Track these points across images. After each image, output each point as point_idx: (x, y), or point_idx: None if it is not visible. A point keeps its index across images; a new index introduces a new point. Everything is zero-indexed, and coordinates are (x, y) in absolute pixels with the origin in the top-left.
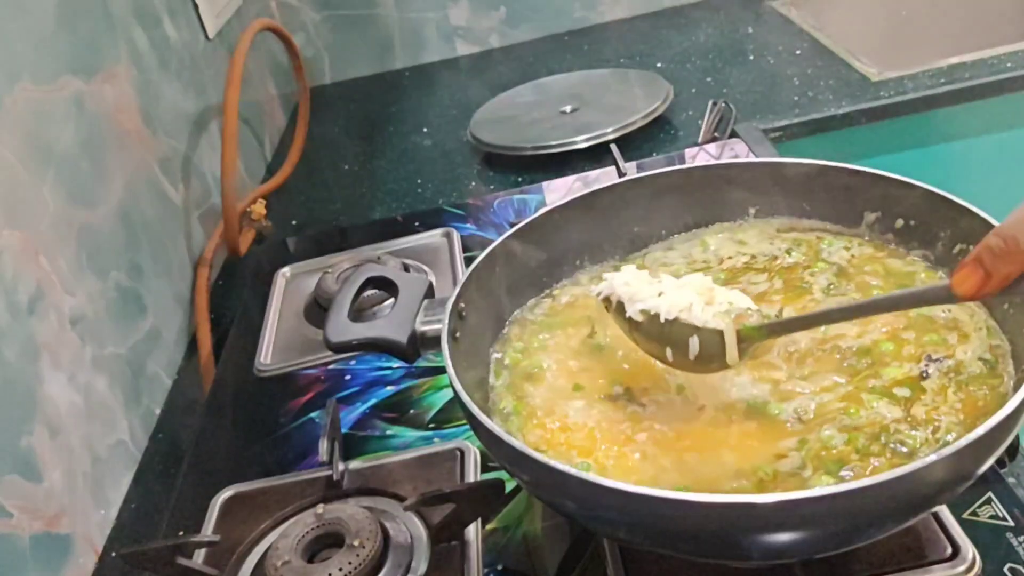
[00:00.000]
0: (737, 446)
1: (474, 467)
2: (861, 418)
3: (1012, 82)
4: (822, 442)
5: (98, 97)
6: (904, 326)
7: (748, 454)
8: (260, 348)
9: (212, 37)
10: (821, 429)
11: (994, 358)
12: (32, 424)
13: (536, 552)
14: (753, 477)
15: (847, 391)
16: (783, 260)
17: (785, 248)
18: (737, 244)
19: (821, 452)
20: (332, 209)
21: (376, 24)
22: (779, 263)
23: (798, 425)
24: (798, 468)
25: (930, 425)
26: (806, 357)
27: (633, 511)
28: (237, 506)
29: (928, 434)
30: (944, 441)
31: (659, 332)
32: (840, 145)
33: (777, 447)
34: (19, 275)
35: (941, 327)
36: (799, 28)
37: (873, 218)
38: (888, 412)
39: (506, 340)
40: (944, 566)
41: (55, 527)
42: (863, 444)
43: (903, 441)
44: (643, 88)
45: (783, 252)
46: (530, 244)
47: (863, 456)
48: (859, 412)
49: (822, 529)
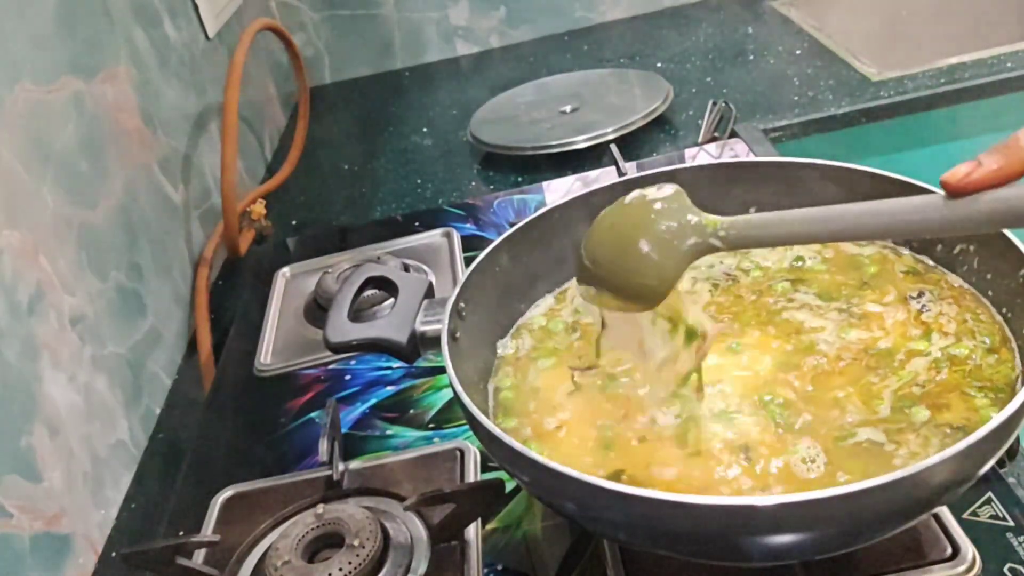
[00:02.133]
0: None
1: (474, 467)
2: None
3: (1012, 82)
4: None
5: (98, 97)
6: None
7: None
8: (260, 348)
9: (212, 37)
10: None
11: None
12: (32, 424)
13: (536, 552)
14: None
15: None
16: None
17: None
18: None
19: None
20: (332, 209)
21: (376, 24)
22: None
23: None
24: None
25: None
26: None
27: (633, 512)
28: (237, 506)
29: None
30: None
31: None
32: (840, 145)
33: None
34: (19, 275)
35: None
36: (799, 28)
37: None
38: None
39: (505, 340)
40: (944, 566)
41: (55, 527)
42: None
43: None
44: (643, 88)
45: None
46: (530, 244)
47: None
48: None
49: (823, 530)
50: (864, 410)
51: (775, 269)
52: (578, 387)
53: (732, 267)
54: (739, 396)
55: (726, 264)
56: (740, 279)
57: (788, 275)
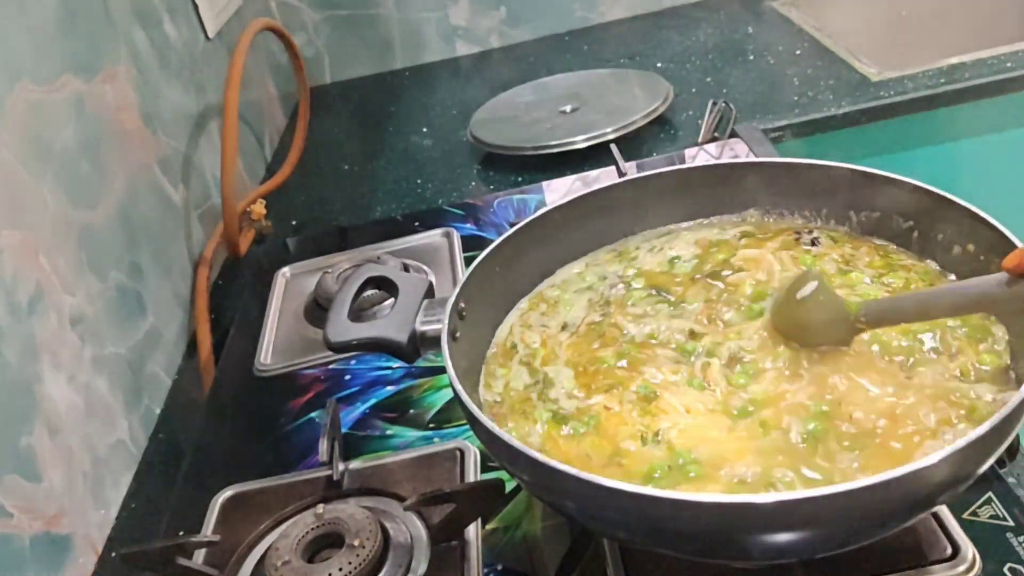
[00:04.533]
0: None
1: (474, 467)
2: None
3: (1012, 82)
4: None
5: (98, 97)
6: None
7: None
8: (260, 348)
9: (212, 37)
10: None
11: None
12: (32, 424)
13: (536, 552)
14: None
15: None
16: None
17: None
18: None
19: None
20: (332, 209)
21: (376, 24)
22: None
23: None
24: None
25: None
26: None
27: (633, 511)
28: (237, 506)
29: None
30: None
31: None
32: (840, 145)
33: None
34: (19, 275)
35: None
36: (799, 28)
37: (873, 218)
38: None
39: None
40: (944, 566)
41: (55, 527)
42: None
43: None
44: (643, 88)
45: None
46: (530, 244)
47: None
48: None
49: (823, 529)
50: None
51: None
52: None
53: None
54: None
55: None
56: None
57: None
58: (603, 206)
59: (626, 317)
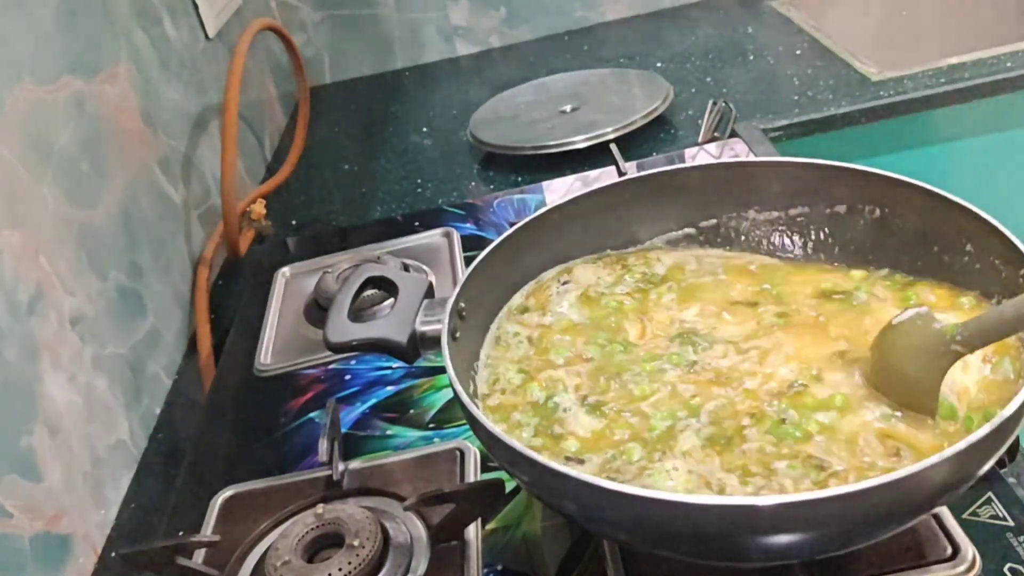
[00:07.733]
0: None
1: (474, 467)
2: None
3: (1012, 82)
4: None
5: (98, 97)
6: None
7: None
8: (260, 348)
9: (212, 37)
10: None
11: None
12: (32, 424)
13: (536, 552)
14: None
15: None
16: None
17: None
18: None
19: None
20: (332, 209)
21: (376, 24)
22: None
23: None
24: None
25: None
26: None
27: (633, 513)
28: (237, 506)
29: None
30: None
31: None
32: (840, 145)
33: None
34: (19, 275)
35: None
36: (799, 28)
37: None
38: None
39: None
40: (944, 566)
41: (55, 527)
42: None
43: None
44: (643, 88)
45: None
46: (530, 244)
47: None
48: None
49: (823, 530)
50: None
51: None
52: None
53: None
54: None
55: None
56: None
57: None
58: (603, 206)
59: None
